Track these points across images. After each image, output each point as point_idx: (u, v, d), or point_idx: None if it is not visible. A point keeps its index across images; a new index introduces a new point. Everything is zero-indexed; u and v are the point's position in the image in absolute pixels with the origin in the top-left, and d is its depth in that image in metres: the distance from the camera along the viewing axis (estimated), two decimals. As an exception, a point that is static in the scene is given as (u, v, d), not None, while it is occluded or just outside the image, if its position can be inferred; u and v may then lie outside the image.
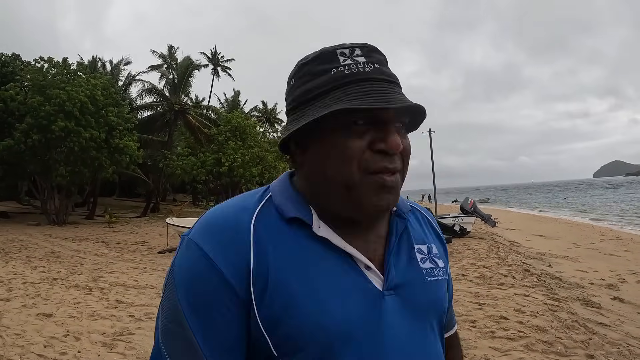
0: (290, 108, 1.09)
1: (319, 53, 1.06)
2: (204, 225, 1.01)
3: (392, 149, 0.98)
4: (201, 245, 0.96)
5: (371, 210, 1.01)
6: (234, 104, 55.18)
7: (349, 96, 0.96)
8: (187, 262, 0.97)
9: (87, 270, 12.51)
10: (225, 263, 0.94)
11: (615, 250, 16.72)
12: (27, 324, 7.28)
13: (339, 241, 1.01)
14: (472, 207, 20.83)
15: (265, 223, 1.01)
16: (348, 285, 0.99)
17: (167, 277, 1.01)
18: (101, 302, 8.77)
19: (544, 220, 35.48)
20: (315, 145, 1.02)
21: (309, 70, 1.05)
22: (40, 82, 25.22)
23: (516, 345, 6.08)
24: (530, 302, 8.24)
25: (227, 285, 0.94)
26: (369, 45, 1.06)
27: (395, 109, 0.99)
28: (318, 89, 1.01)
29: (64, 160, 25.91)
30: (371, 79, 1.00)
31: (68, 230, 24.34)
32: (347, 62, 1.01)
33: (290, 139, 1.07)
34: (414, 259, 1.13)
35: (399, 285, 1.05)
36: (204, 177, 34.29)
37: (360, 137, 0.98)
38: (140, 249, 18.15)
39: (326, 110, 0.96)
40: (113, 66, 43.39)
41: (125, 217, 34.09)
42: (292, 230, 1.01)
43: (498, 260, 13.13)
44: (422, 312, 1.08)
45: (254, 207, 1.03)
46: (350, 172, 0.97)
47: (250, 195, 1.09)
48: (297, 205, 1.04)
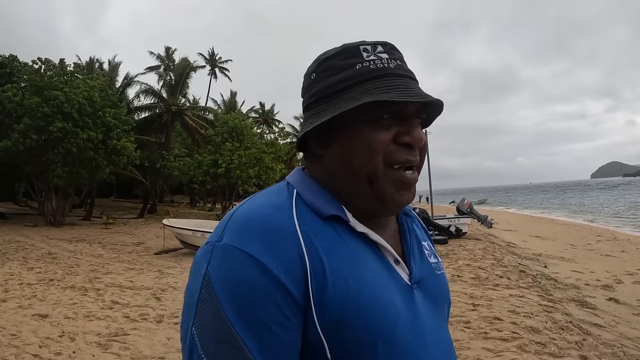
0: (311, 102, 1.09)
1: (342, 48, 1.07)
2: (241, 227, 0.94)
3: (416, 142, 1.01)
4: (246, 249, 0.89)
5: (391, 205, 1.03)
6: (231, 105, 55.18)
7: (377, 89, 0.98)
8: (232, 271, 0.89)
9: (84, 271, 12.51)
10: (281, 268, 0.89)
11: (611, 251, 16.77)
12: (23, 324, 7.29)
13: (375, 236, 1.03)
14: (468, 208, 20.82)
15: (306, 221, 0.98)
16: (388, 280, 1.01)
17: (200, 292, 0.90)
18: (97, 303, 8.78)
19: (541, 221, 35.54)
20: (339, 138, 1.03)
21: (332, 64, 1.06)
22: (38, 83, 25.17)
23: (509, 346, 6.10)
24: (524, 303, 8.26)
25: (284, 291, 0.88)
26: (389, 43, 1.08)
27: (418, 104, 1.01)
28: (344, 83, 1.02)
29: (62, 161, 25.85)
30: (396, 74, 1.02)
31: (65, 232, 24.31)
32: (371, 57, 1.03)
33: (310, 134, 1.07)
34: (424, 254, 1.18)
35: (421, 279, 1.09)
36: (201, 178, 34.24)
37: (386, 129, 1.00)
38: (136, 250, 18.13)
39: (357, 102, 0.97)
40: (110, 67, 43.41)
41: (123, 218, 34.05)
42: (331, 227, 1.00)
43: (494, 261, 13.15)
44: (438, 303, 1.12)
45: (289, 206, 1.00)
46: (376, 164, 0.99)
47: (276, 194, 1.05)
48: (330, 202, 1.03)
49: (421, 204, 53.33)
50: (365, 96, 0.97)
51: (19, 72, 28.48)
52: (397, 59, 1.05)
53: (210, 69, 58.12)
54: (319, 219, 1.00)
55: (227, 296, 0.87)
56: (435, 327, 1.06)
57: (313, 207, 1.01)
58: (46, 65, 26.69)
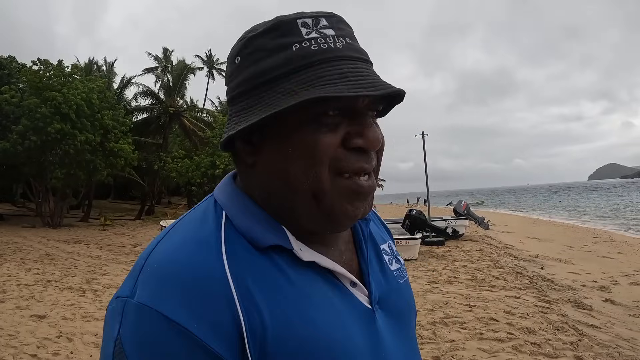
0: (236, 93, 0.86)
1: (273, 23, 0.83)
2: (157, 279, 0.74)
3: (372, 146, 0.81)
4: (164, 311, 0.70)
5: (344, 222, 0.84)
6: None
7: (321, 80, 0.76)
8: (148, 338, 0.70)
9: (81, 273, 12.50)
10: (207, 330, 0.70)
11: (608, 252, 16.81)
12: (21, 325, 7.29)
13: (326, 262, 0.86)
14: (465, 210, 20.85)
15: (238, 259, 0.78)
16: (344, 309, 0.84)
17: (113, 359, 0.72)
18: (94, 304, 8.78)
19: (538, 222, 35.56)
20: (272, 142, 0.82)
21: (261, 44, 0.82)
22: (37, 84, 25.18)
23: (505, 347, 6.12)
24: (520, 304, 8.28)
25: (215, 359, 0.70)
26: (335, 14, 0.86)
27: (374, 96, 0.79)
28: (276, 70, 0.80)
29: (59, 162, 25.86)
30: (344, 57, 0.80)
31: (63, 233, 24.29)
32: (312, 35, 0.80)
33: (235, 134, 0.84)
34: (384, 263, 1.02)
35: (382, 296, 0.93)
36: (198, 179, 34.25)
37: (333, 131, 0.79)
38: (134, 251, 18.12)
39: (294, 99, 0.76)
40: (108, 68, 43.43)
41: (120, 220, 34.05)
42: (270, 260, 0.81)
43: (490, 263, 13.16)
44: (403, 318, 0.98)
45: (217, 240, 0.80)
46: (320, 176, 0.79)
47: (200, 221, 0.85)
48: (267, 227, 0.84)
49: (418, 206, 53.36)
50: (304, 89, 0.76)
51: (17, 73, 28.46)
52: (346, 36, 0.83)
53: (207, 71, 58.07)
54: (255, 251, 0.81)
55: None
56: (399, 346, 0.93)
57: (247, 235, 0.82)
58: (45, 66, 26.69)
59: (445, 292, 9.30)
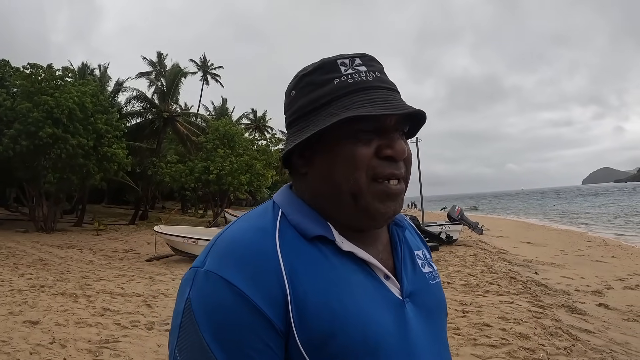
0: (292, 119, 1.08)
1: (320, 64, 1.05)
2: (223, 253, 0.94)
3: (399, 155, 0.99)
4: (226, 276, 0.89)
5: (378, 219, 1.01)
6: (222, 112, 55.10)
7: (355, 104, 0.97)
8: (211, 297, 0.89)
9: (74, 278, 12.47)
10: (259, 294, 0.88)
11: (602, 256, 16.86)
12: (14, 331, 7.26)
13: (363, 254, 1.02)
14: (459, 215, 20.86)
15: (289, 244, 0.97)
16: (378, 296, 0.99)
17: (183, 315, 0.92)
18: (88, 310, 8.75)
19: (532, 227, 35.62)
20: (321, 154, 1.02)
21: (311, 80, 1.04)
22: (29, 89, 25.13)
23: (498, 353, 6.13)
24: (514, 309, 8.29)
25: (263, 319, 0.88)
26: (368, 55, 1.07)
27: (399, 116, 1.00)
28: (322, 99, 1.01)
29: (52, 167, 25.80)
30: (374, 87, 1.01)
31: (56, 238, 24.23)
32: (349, 71, 1.02)
33: (293, 152, 1.06)
34: (416, 265, 1.16)
35: (413, 292, 1.07)
36: (192, 184, 34.18)
37: (367, 144, 0.98)
38: (128, 256, 18.10)
39: (335, 118, 0.96)
40: (102, 72, 43.35)
41: (114, 225, 33.96)
42: (317, 248, 0.99)
43: (484, 268, 13.20)
44: (433, 315, 1.11)
45: (272, 228, 0.99)
46: (358, 180, 0.97)
47: (261, 215, 1.05)
48: (315, 221, 1.02)
49: (412, 211, 53.37)
50: (343, 111, 0.96)
51: (10, 76, 28.38)
52: (376, 71, 1.04)
53: (202, 75, 58.00)
54: (304, 240, 0.99)
55: (207, 322, 0.88)
56: (429, 340, 1.05)
57: (298, 227, 1.00)
58: (36, 70, 26.64)
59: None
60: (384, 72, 1.06)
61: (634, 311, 8.71)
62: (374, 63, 1.06)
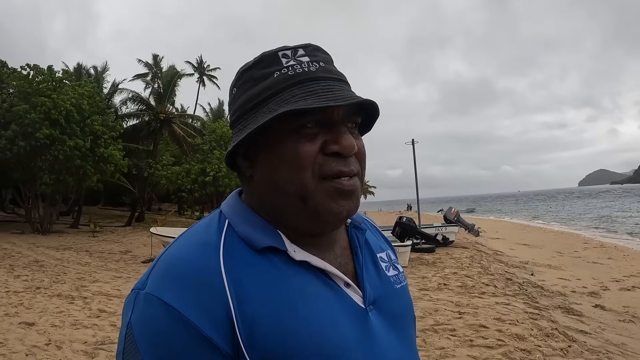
0: (234, 119, 1.01)
1: (260, 57, 0.98)
2: (162, 273, 0.88)
3: (346, 151, 0.91)
4: (166, 299, 0.82)
5: (332, 220, 0.94)
6: (218, 113, 55.09)
7: (294, 97, 0.90)
8: (152, 323, 0.82)
9: (70, 280, 12.43)
10: (201, 317, 0.81)
11: (598, 258, 16.90)
12: (10, 332, 7.24)
13: (318, 262, 0.95)
14: (455, 217, 20.90)
15: (236, 258, 0.90)
16: (337, 307, 0.93)
17: (125, 341, 0.85)
18: (84, 312, 8.73)
19: (528, 229, 35.68)
20: (263, 154, 0.95)
21: (250, 76, 0.98)
22: (26, 90, 25.08)
23: (494, 354, 6.13)
24: (510, 310, 8.30)
25: (207, 343, 0.81)
26: (312, 44, 1.00)
27: (345, 107, 0.93)
28: (261, 95, 0.94)
29: (49, 168, 25.74)
30: (317, 78, 0.94)
31: (52, 239, 24.15)
32: (290, 63, 0.95)
33: (237, 152, 1.00)
34: (380, 268, 1.10)
35: (377, 299, 1.01)
36: (189, 186, 34.18)
37: (311, 140, 0.91)
38: (124, 258, 18.05)
39: (271, 114, 0.89)
40: (98, 74, 43.27)
41: (110, 226, 33.90)
42: (266, 260, 0.92)
43: (480, 270, 13.20)
44: (400, 321, 1.05)
45: (217, 242, 0.92)
46: (304, 180, 0.90)
47: (205, 227, 0.97)
48: (264, 231, 0.95)
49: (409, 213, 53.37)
50: (281, 106, 0.90)
51: (7, 78, 28.31)
52: (320, 61, 0.97)
53: (198, 77, 57.97)
54: (253, 252, 0.92)
55: (147, 349, 0.81)
56: (397, 348, 1.00)
57: (245, 239, 0.93)
58: (35, 71, 26.60)
59: (435, 299, 9.32)
60: (330, 62, 1.00)
61: (630, 312, 8.74)
62: (318, 53, 0.99)
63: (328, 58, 1.00)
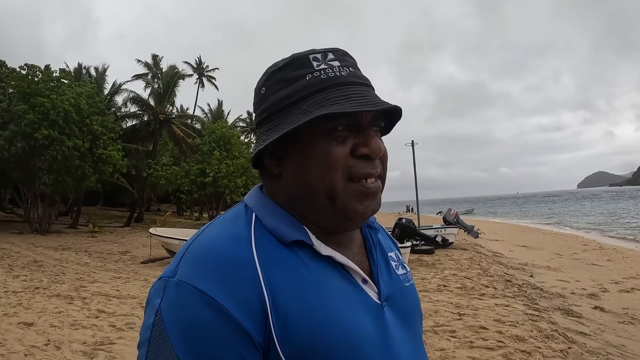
0: (262, 118, 1.03)
1: (290, 59, 1.01)
2: (196, 262, 0.89)
3: (375, 154, 0.96)
4: (202, 287, 0.84)
5: (357, 219, 0.99)
6: (218, 114, 55.03)
7: (329, 101, 0.93)
8: (185, 310, 0.83)
9: (69, 280, 12.42)
10: (237, 307, 0.83)
11: (597, 260, 16.87)
12: (8, 332, 7.23)
13: (342, 258, 0.99)
14: (454, 218, 20.86)
15: (266, 251, 0.92)
16: (357, 302, 0.97)
17: (153, 328, 0.86)
18: (83, 312, 8.72)
19: (528, 230, 35.66)
20: (294, 154, 0.98)
21: (281, 77, 1.00)
22: (25, 90, 25.07)
23: (494, 355, 6.13)
24: (510, 312, 8.30)
25: (242, 333, 0.82)
26: (340, 49, 1.03)
27: (374, 112, 0.97)
28: (294, 96, 0.97)
29: (48, 168, 25.73)
30: (348, 82, 0.97)
31: (51, 239, 24.13)
32: (321, 66, 0.98)
33: (264, 152, 1.02)
34: (391, 267, 1.14)
35: (389, 295, 1.05)
36: (188, 187, 34.14)
37: (342, 143, 0.95)
38: (123, 258, 18.03)
39: (308, 116, 0.92)
40: (98, 74, 43.26)
41: (109, 227, 33.87)
42: (294, 254, 0.95)
43: (480, 271, 13.19)
44: (410, 318, 1.09)
45: (248, 235, 0.94)
46: (334, 181, 0.94)
47: (234, 221, 0.99)
48: (291, 225, 0.98)
49: (408, 214, 53.35)
50: (316, 109, 0.93)
51: (6, 77, 28.28)
52: (350, 66, 1.00)
53: (197, 78, 57.90)
54: (281, 245, 0.95)
55: (179, 336, 0.82)
56: (408, 344, 1.03)
57: (274, 233, 0.96)
58: (33, 71, 26.58)
59: (435, 301, 9.31)
60: (357, 67, 1.03)
61: (630, 314, 8.73)
62: (347, 58, 1.02)
63: (355, 63, 1.04)
